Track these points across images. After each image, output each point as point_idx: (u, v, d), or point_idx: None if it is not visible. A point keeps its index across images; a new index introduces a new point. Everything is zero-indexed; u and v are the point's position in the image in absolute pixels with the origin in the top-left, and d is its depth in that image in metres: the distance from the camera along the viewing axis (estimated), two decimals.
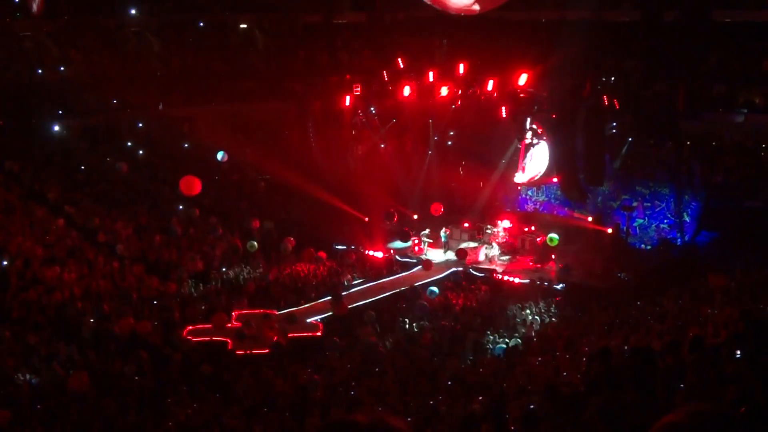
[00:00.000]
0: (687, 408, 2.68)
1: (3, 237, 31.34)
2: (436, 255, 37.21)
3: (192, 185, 30.83)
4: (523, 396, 18.25)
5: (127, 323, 26.75)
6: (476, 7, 35.32)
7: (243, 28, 50.00)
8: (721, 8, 40.05)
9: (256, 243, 34.41)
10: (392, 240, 38.87)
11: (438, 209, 38.12)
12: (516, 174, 39.70)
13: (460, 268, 35.59)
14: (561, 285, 33.05)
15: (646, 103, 38.35)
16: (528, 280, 33.65)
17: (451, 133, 42.57)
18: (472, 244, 37.08)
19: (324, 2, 49.67)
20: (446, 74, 38.93)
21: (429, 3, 36.15)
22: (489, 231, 37.65)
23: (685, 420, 2.63)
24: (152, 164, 41.38)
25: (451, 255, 36.65)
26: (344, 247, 37.52)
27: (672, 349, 15.38)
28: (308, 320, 29.59)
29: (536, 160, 38.78)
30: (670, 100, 38.42)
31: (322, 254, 34.44)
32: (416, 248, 37.66)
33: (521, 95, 38.28)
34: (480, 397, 19.91)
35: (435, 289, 31.80)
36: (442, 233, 38.03)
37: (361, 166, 41.15)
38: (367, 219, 38.71)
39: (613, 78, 40.37)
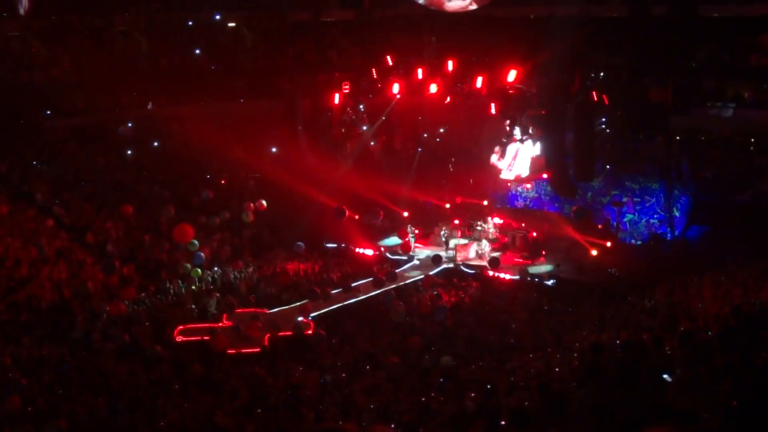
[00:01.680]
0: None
1: None
2: (425, 252, 37.30)
3: (185, 233, 31.07)
4: (515, 392, 18.26)
5: (118, 306, 26.97)
6: (473, 6, 35.30)
7: (231, 27, 49.88)
8: (709, 3, 40.04)
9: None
10: (382, 237, 38.95)
11: (407, 246, 37.81)
12: (504, 171, 39.75)
13: (451, 265, 35.63)
14: (552, 281, 33.09)
15: (635, 98, 38.34)
16: (518, 276, 33.68)
17: (441, 130, 42.60)
18: (463, 241, 37.10)
19: (312, 0, 49.60)
20: (435, 71, 38.94)
21: (424, 3, 36.02)
22: (479, 227, 37.69)
23: None
24: (141, 164, 41.24)
25: (451, 254, 36.58)
26: (334, 245, 37.61)
27: (663, 343, 15.41)
28: (299, 319, 29.52)
29: (524, 157, 38.84)
30: (658, 95, 38.39)
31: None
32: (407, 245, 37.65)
33: (510, 92, 38.32)
34: (472, 394, 19.91)
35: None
36: (441, 233, 37.95)
37: (351, 164, 41.15)
38: (357, 217, 38.66)
39: (601, 74, 40.39)
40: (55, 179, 37.93)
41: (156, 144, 42.71)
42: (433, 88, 38.63)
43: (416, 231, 38.24)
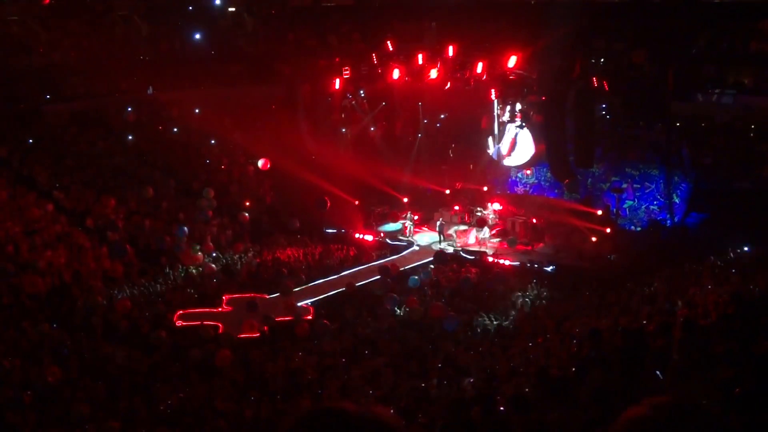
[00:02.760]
0: (651, 401, 2.61)
1: None
2: (424, 238, 37.43)
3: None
4: (514, 378, 18.32)
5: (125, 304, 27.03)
6: None
7: (231, 12, 49.80)
8: None
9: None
10: (382, 223, 39.00)
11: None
12: (505, 157, 39.73)
13: (450, 250, 35.70)
14: (551, 267, 33.10)
15: (635, 84, 38.28)
16: (518, 263, 33.69)
17: (442, 116, 42.54)
18: (462, 227, 37.13)
19: None
20: (435, 57, 38.83)
21: None
22: (479, 213, 37.69)
23: (649, 413, 2.58)
24: (141, 148, 41.18)
25: (446, 245, 36.44)
26: (334, 230, 37.61)
27: (662, 330, 15.45)
28: (299, 304, 29.58)
29: (525, 143, 38.81)
30: (659, 81, 38.37)
31: None
32: (406, 231, 37.70)
33: (511, 77, 38.22)
34: (471, 380, 19.97)
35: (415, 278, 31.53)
36: (437, 223, 37.65)
37: (351, 150, 41.12)
38: (357, 202, 38.68)
39: (602, 59, 40.31)
40: (55, 164, 37.91)
41: (156, 128, 42.65)
42: (434, 74, 38.53)
43: (415, 217, 38.25)
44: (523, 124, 38.36)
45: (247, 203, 37.30)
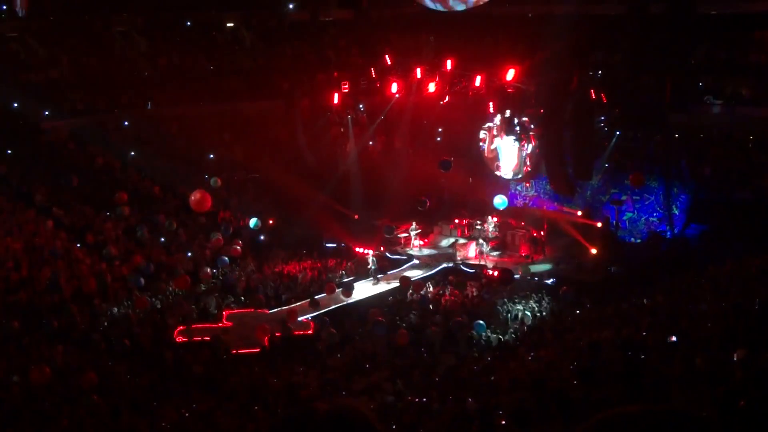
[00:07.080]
0: (596, 417, 2.53)
1: None
2: (427, 252, 37.32)
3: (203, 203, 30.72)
4: (514, 391, 18.29)
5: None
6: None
7: (230, 27, 49.91)
8: (707, 0, 40.10)
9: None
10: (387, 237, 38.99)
11: None
12: (504, 169, 39.76)
13: (451, 265, 35.61)
14: (552, 280, 33.07)
15: (634, 96, 38.34)
16: (518, 275, 33.66)
17: (440, 130, 42.58)
18: (461, 241, 37.11)
19: (311, 0, 49.69)
20: (434, 70, 38.94)
21: (434, 5, 35.83)
22: (478, 227, 37.65)
23: (621, 415, 2.49)
24: (141, 164, 41.21)
25: (380, 288, 33.83)
26: (334, 245, 37.53)
27: (662, 342, 15.45)
28: (299, 318, 29.55)
29: (523, 156, 38.84)
30: (657, 92, 38.45)
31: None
32: (409, 244, 37.60)
33: (509, 90, 38.29)
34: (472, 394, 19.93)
35: None
36: (370, 259, 35.51)
37: (350, 164, 41.14)
38: (357, 216, 38.65)
39: (600, 72, 40.38)
40: (55, 180, 37.93)
41: (155, 145, 42.70)
42: (432, 88, 38.63)
43: (419, 229, 38.10)
44: (522, 137, 38.41)
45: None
